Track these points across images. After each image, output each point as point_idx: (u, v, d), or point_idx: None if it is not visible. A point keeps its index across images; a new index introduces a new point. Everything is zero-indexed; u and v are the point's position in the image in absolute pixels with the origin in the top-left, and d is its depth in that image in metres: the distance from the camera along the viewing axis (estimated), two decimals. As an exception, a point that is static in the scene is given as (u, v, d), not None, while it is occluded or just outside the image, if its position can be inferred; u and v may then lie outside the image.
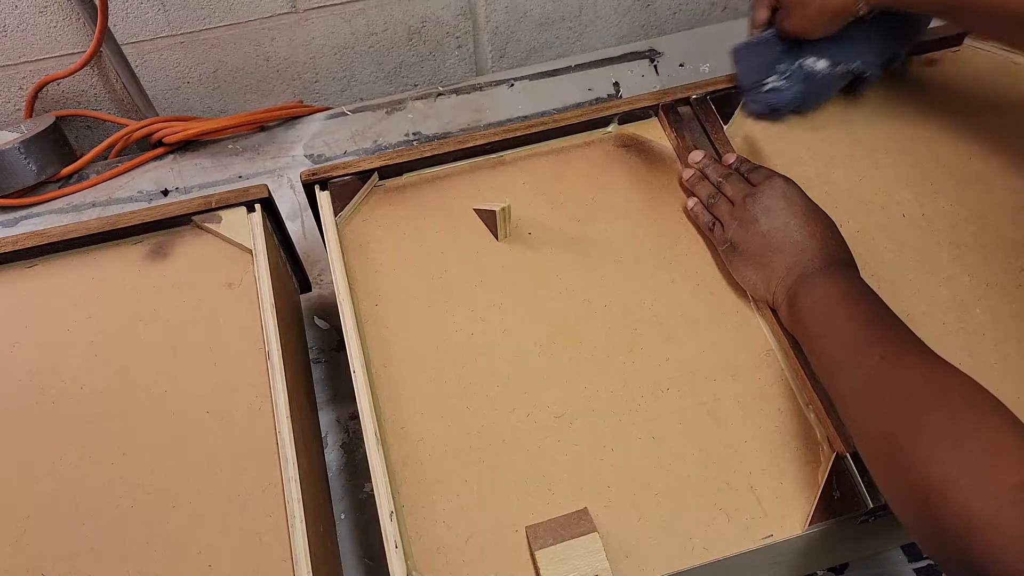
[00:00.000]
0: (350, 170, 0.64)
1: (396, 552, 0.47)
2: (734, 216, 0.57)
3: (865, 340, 0.47)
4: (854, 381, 0.46)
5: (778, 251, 0.54)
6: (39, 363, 0.56)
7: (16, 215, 0.85)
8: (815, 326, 0.50)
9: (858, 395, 0.45)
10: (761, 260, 0.55)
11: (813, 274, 0.52)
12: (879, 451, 0.43)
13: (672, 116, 0.67)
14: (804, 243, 0.54)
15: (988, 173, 0.64)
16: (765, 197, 0.56)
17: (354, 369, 0.54)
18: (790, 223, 0.55)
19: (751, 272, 0.56)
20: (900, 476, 0.40)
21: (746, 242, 0.56)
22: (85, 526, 0.50)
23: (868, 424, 0.44)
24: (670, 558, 0.47)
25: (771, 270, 0.54)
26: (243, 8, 0.85)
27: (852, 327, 0.48)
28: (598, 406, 0.53)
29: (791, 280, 0.53)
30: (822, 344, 0.49)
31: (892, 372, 0.44)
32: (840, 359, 0.47)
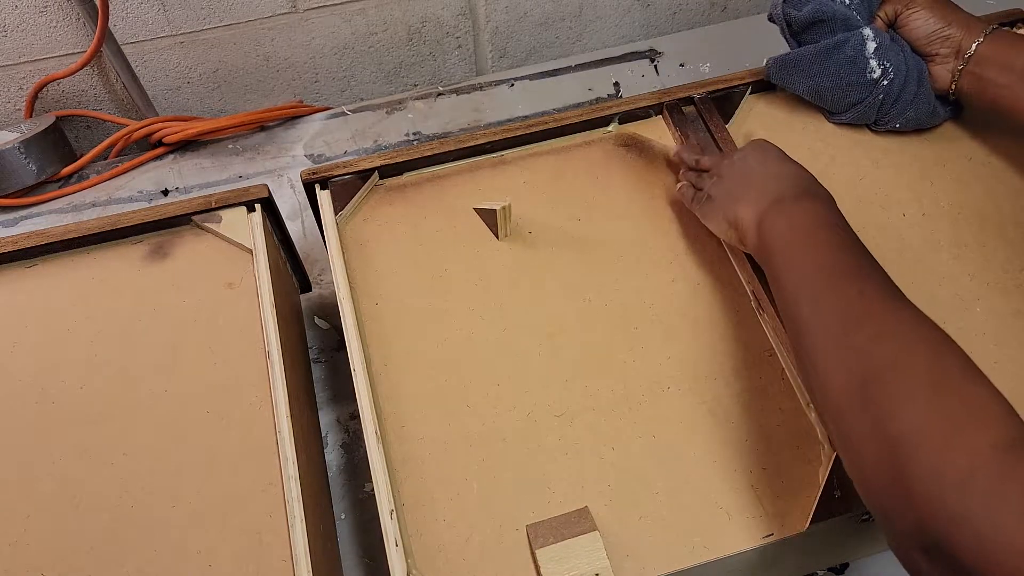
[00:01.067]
0: (350, 169, 0.64)
1: (396, 551, 0.47)
2: (712, 175, 0.57)
3: (842, 270, 0.44)
4: (827, 312, 0.43)
5: (750, 185, 0.53)
6: (39, 363, 0.56)
7: (16, 215, 0.85)
8: (787, 249, 0.47)
9: (829, 327, 0.42)
10: (733, 197, 0.54)
11: (788, 199, 0.50)
12: (842, 386, 0.40)
13: (676, 115, 0.67)
14: (779, 173, 0.52)
15: (988, 173, 0.64)
16: (742, 150, 0.57)
17: (354, 368, 0.54)
18: (766, 160, 0.54)
19: (720, 212, 0.54)
20: (867, 422, 0.38)
21: (720, 188, 0.55)
22: (85, 526, 0.50)
23: (832, 357, 0.41)
24: (671, 557, 0.47)
25: (742, 203, 0.52)
26: (243, 8, 0.85)
27: (829, 254, 0.46)
28: (598, 405, 0.53)
29: (763, 204, 0.51)
30: (793, 268, 0.46)
31: (870, 309, 0.42)
32: (812, 286, 0.45)
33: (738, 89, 0.69)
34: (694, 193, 0.59)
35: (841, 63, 0.63)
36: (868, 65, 0.62)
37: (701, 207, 0.57)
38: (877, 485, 0.37)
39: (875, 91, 0.63)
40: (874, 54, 0.62)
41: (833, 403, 0.41)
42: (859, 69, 0.63)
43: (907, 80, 0.62)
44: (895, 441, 0.36)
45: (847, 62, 0.63)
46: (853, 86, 0.63)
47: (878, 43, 0.62)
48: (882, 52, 0.62)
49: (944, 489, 0.34)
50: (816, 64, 0.64)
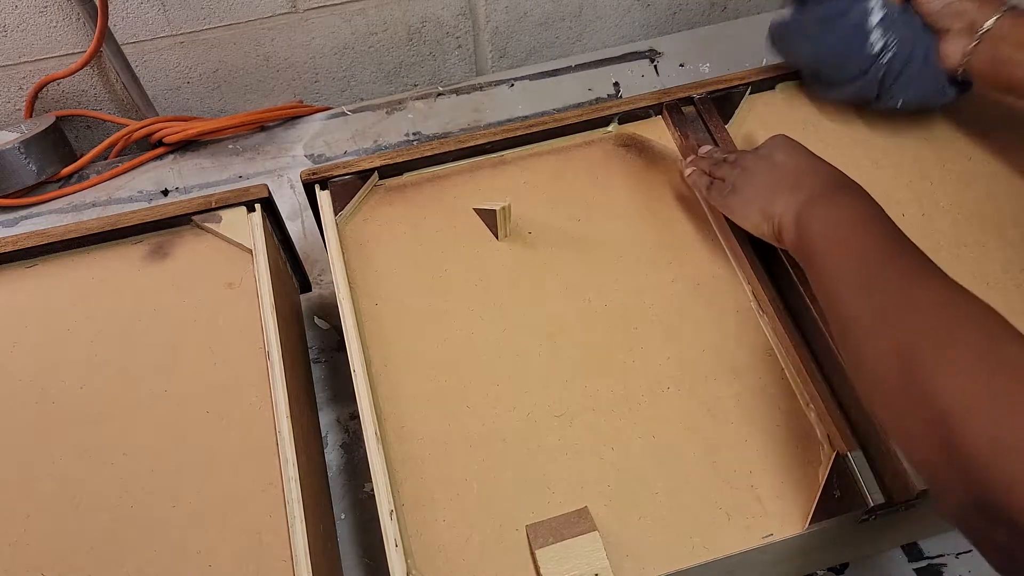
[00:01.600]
0: (350, 170, 0.64)
1: (396, 551, 0.47)
2: (736, 166, 0.57)
3: (884, 259, 0.44)
4: (870, 298, 0.43)
5: (783, 179, 0.52)
6: (39, 363, 0.56)
7: (16, 215, 0.85)
8: (830, 242, 0.47)
9: (874, 311, 0.42)
10: (764, 190, 0.53)
11: (825, 195, 0.50)
12: (891, 366, 0.40)
13: (676, 115, 0.67)
14: (812, 168, 0.52)
15: (988, 173, 0.64)
16: (768, 146, 0.56)
17: (354, 369, 0.54)
18: (794, 155, 0.54)
19: (753, 205, 0.54)
20: (914, 392, 0.38)
21: (748, 180, 0.54)
22: (85, 526, 0.50)
23: (881, 339, 0.41)
24: (670, 557, 0.47)
25: (776, 196, 0.52)
26: (243, 8, 0.85)
27: (873, 242, 0.46)
28: (598, 405, 0.53)
29: (799, 200, 0.50)
30: (837, 260, 0.46)
31: (916, 289, 0.42)
32: (855, 277, 0.45)
33: (738, 89, 0.69)
34: (710, 182, 0.58)
35: (843, 32, 0.60)
36: (870, 37, 0.59)
37: (724, 199, 0.56)
38: (930, 457, 0.37)
39: (875, 67, 0.60)
40: (878, 25, 0.59)
41: (881, 381, 0.41)
42: (860, 41, 0.60)
43: (912, 57, 0.59)
44: (948, 413, 0.36)
45: (850, 31, 0.60)
46: (853, 59, 0.61)
47: (884, 14, 0.59)
48: (887, 24, 0.59)
49: (1001, 455, 0.33)
50: (818, 30, 0.61)
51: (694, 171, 0.60)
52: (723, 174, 0.58)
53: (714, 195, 0.58)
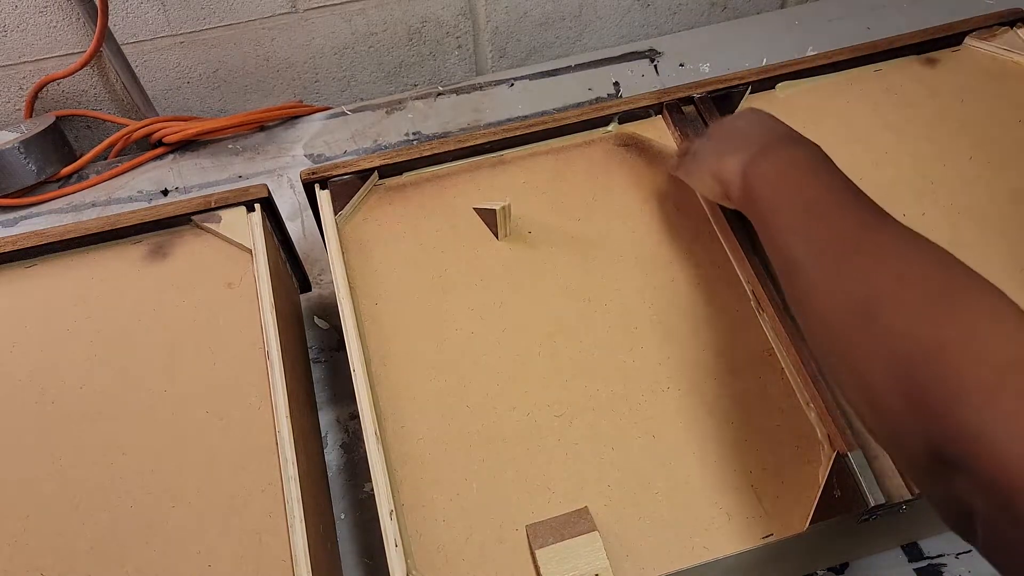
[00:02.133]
0: (350, 169, 0.64)
1: (396, 551, 0.47)
2: (702, 135, 0.56)
3: (838, 204, 0.42)
4: (823, 242, 0.41)
5: (736, 138, 0.51)
6: (39, 363, 0.56)
7: (16, 215, 0.85)
8: (774, 192, 0.45)
9: (826, 256, 0.40)
10: (717, 151, 0.52)
11: (772, 148, 0.48)
12: (847, 311, 0.38)
13: (676, 115, 0.67)
14: (767, 128, 0.50)
15: (988, 173, 0.64)
16: (735, 114, 0.56)
17: (354, 368, 0.54)
18: (756, 119, 0.53)
19: (704, 165, 0.52)
20: (874, 335, 0.36)
21: (706, 145, 0.54)
22: (85, 526, 0.50)
23: (835, 284, 0.39)
24: (670, 557, 0.47)
25: (726, 155, 0.50)
26: (243, 8, 0.85)
27: (821, 190, 0.44)
28: (598, 405, 0.53)
29: (748, 154, 0.48)
30: (782, 208, 0.44)
31: (873, 235, 0.40)
32: (805, 222, 0.42)
33: (738, 89, 0.69)
34: (678, 160, 0.58)
35: None
36: None
37: (685, 166, 0.56)
38: (888, 405, 0.35)
39: None
40: None
41: (835, 330, 0.39)
42: None
43: None
44: (908, 357, 0.34)
45: None
46: None
47: None
48: None
49: (966, 404, 0.32)
50: None
51: (673, 159, 0.61)
52: (687, 146, 0.58)
53: (680, 168, 0.57)
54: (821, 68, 0.70)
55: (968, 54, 0.72)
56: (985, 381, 0.32)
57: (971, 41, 0.72)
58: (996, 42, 0.72)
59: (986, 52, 0.72)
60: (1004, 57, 0.71)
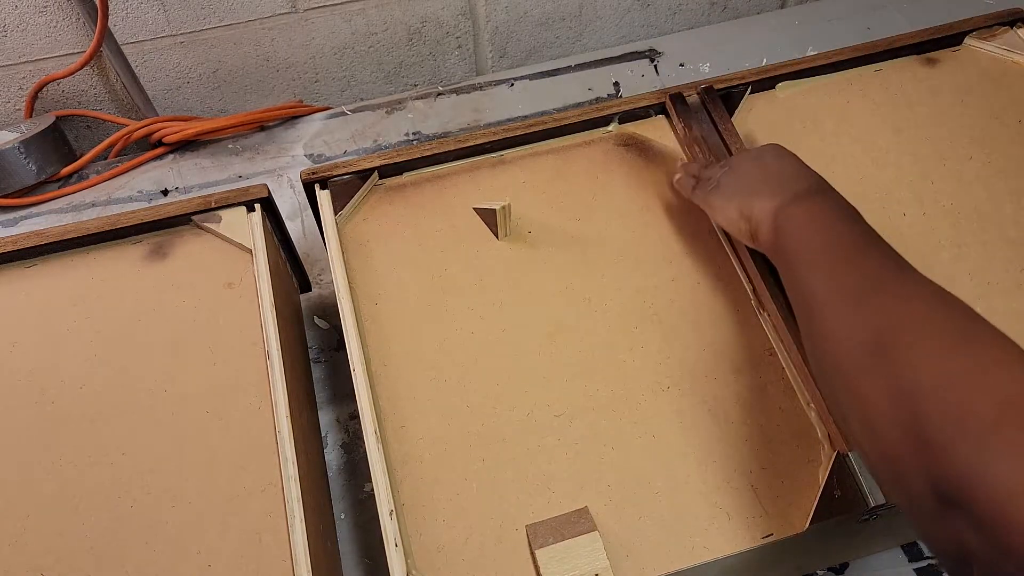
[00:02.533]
0: (350, 169, 0.64)
1: (396, 551, 0.47)
2: (723, 167, 0.57)
3: (863, 249, 0.44)
4: (844, 281, 0.43)
5: (766, 180, 0.52)
6: (39, 363, 0.56)
7: (16, 215, 0.85)
8: (802, 240, 0.47)
9: (847, 293, 0.42)
10: (746, 188, 0.53)
11: (804, 197, 0.49)
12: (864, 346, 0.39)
13: (680, 106, 0.67)
14: (797, 174, 0.52)
15: (988, 173, 0.64)
16: (759, 149, 0.56)
17: (354, 368, 0.54)
18: (782, 159, 0.54)
19: (732, 201, 0.53)
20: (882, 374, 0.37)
21: (732, 178, 0.54)
22: (85, 526, 0.50)
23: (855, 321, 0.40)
24: (670, 557, 0.47)
25: (756, 195, 0.52)
26: (243, 8, 0.85)
27: (850, 238, 0.45)
28: (598, 405, 0.53)
29: (779, 201, 0.50)
30: (807, 254, 0.46)
31: (892, 277, 0.42)
32: (829, 263, 0.44)
33: (738, 89, 0.69)
34: (695, 182, 0.58)
35: None
36: None
37: (707, 195, 0.56)
38: (890, 437, 0.36)
39: None
40: None
41: (845, 364, 0.40)
42: None
43: None
44: (913, 390, 0.35)
45: None
46: None
47: None
48: None
49: (965, 438, 0.32)
50: None
51: (682, 175, 0.60)
52: (710, 174, 0.58)
53: (698, 193, 0.57)
54: (821, 68, 0.70)
55: (968, 54, 0.72)
56: (985, 415, 0.32)
57: (971, 41, 0.72)
58: (996, 42, 0.72)
59: (986, 52, 0.72)
60: (1004, 57, 0.71)
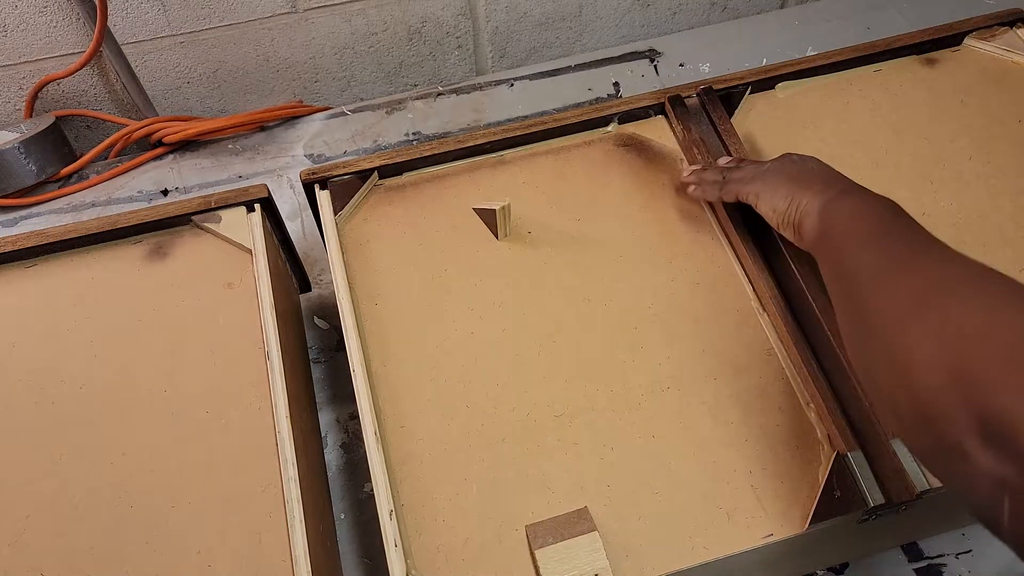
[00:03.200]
0: (350, 169, 0.64)
1: (396, 551, 0.47)
2: (764, 162, 0.57)
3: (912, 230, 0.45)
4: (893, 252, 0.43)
5: (815, 176, 0.53)
6: (39, 363, 0.56)
7: (16, 215, 0.85)
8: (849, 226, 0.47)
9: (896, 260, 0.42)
10: (793, 180, 0.53)
11: (852, 194, 0.50)
12: (912, 298, 0.39)
13: (679, 108, 0.67)
14: (842, 177, 0.53)
15: (988, 173, 0.64)
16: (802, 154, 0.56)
17: (354, 369, 0.54)
18: (827, 166, 0.54)
19: (780, 190, 0.54)
20: (931, 320, 0.37)
21: (778, 169, 0.55)
22: (85, 526, 0.50)
23: (902, 278, 0.41)
24: (670, 557, 0.47)
25: (804, 188, 0.52)
26: (243, 8, 0.85)
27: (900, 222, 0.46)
28: (598, 405, 0.53)
29: (827, 196, 0.50)
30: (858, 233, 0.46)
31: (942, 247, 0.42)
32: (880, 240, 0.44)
33: (738, 89, 0.69)
34: (723, 182, 0.58)
35: None
36: None
37: (747, 184, 0.56)
38: (933, 380, 0.35)
39: None
40: None
41: (888, 314, 0.40)
42: None
43: None
44: (961, 334, 0.35)
45: None
46: None
47: None
48: None
49: (1015, 374, 0.33)
50: None
51: (698, 186, 0.60)
52: (742, 172, 0.58)
53: (732, 187, 0.57)
54: (821, 68, 0.70)
55: (968, 54, 0.72)
56: None
57: (971, 41, 0.72)
58: (996, 42, 0.72)
59: (986, 52, 0.72)
60: (1004, 57, 0.71)
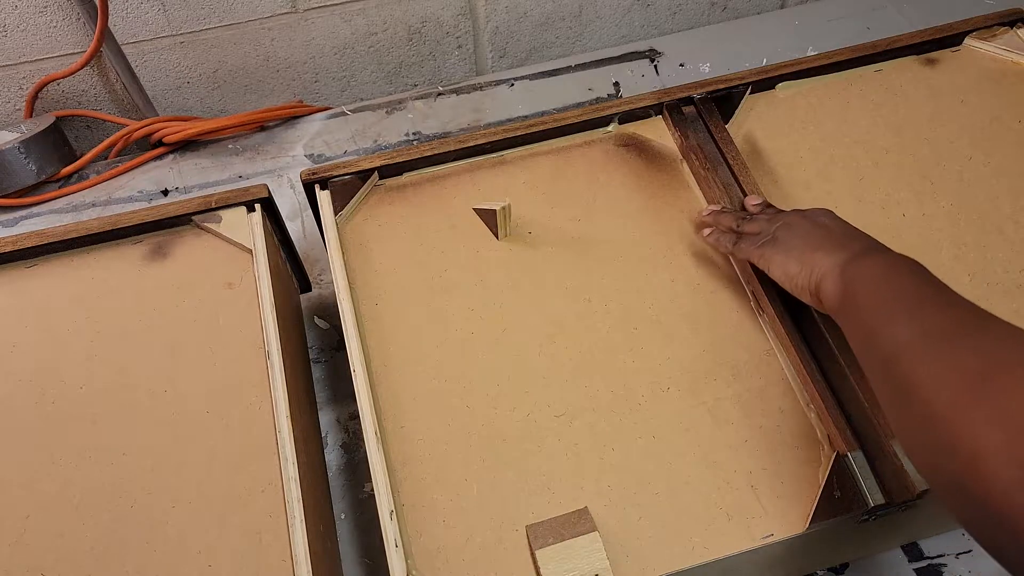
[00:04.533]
0: (350, 169, 0.64)
1: (396, 551, 0.47)
2: (775, 221, 0.55)
3: (943, 297, 0.43)
4: (930, 326, 0.41)
5: (828, 236, 0.52)
6: (39, 363, 0.56)
7: (16, 215, 0.85)
8: (877, 290, 0.45)
9: (937, 337, 0.40)
10: (807, 243, 0.52)
11: (870, 254, 0.49)
12: (966, 383, 0.37)
13: (676, 115, 0.67)
14: (858, 234, 0.52)
15: (988, 173, 0.64)
16: (811, 210, 0.55)
17: (354, 369, 0.54)
18: (842, 222, 0.53)
19: (793, 255, 0.52)
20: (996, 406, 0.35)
21: (791, 232, 0.54)
22: (85, 526, 0.50)
23: (950, 360, 0.38)
24: (670, 557, 0.47)
25: (819, 250, 0.51)
26: (243, 8, 0.85)
27: (927, 288, 0.44)
28: (598, 405, 0.53)
29: (843, 258, 0.49)
30: (884, 302, 0.44)
31: (981, 322, 0.40)
32: (910, 311, 0.42)
33: (738, 89, 0.69)
34: (737, 237, 0.57)
35: None
36: None
37: (761, 248, 0.54)
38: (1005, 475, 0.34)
39: None
40: None
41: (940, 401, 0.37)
42: None
43: None
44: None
45: None
46: None
47: None
48: None
49: None
50: None
51: (714, 231, 0.59)
52: (756, 228, 0.56)
53: (745, 247, 0.56)
54: (821, 68, 0.70)
55: (968, 54, 0.72)
56: None
57: (971, 41, 0.72)
58: (996, 42, 0.72)
59: (986, 52, 0.72)
60: (1004, 57, 0.71)
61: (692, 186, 0.65)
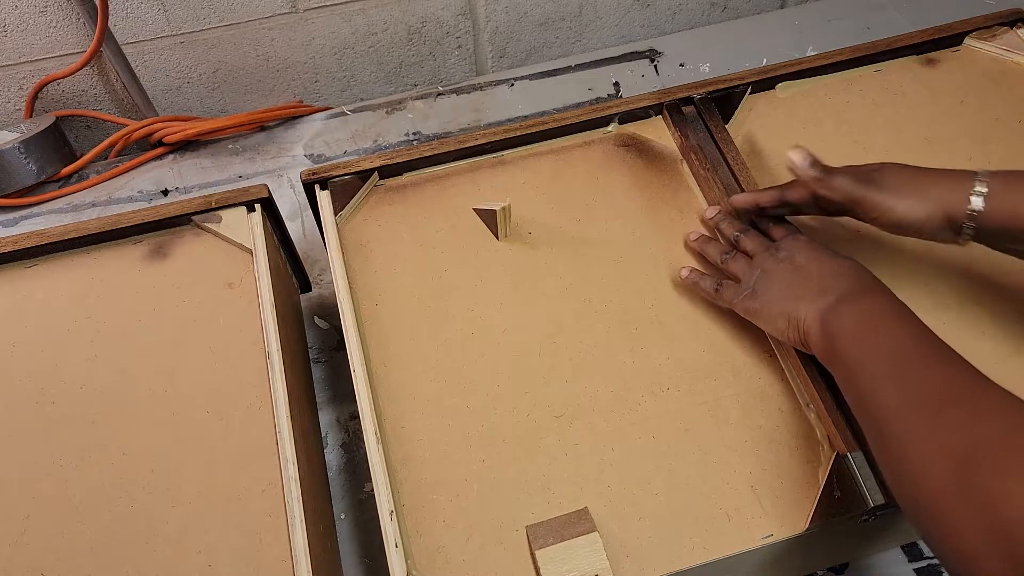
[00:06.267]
0: (350, 169, 0.64)
1: (396, 551, 0.47)
2: (754, 267, 0.54)
3: (924, 356, 0.43)
4: (916, 394, 0.41)
5: (807, 282, 0.50)
6: (39, 363, 0.56)
7: (16, 215, 0.85)
8: (857, 345, 0.46)
9: (922, 409, 0.41)
10: (788, 294, 0.51)
11: (850, 298, 0.48)
12: (948, 468, 0.38)
13: (676, 116, 0.67)
14: (835, 270, 0.50)
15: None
16: (788, 247, 0.54)
17: (354, 369, 0.54)
18: (816, 257, 0.52)
19: (776, 308, 0.51)
20: (976, 499, 0.36)
21: (769, 283, 0.52)
22: (85, 526, 0.50)
23: (934, 441, 0.39)
24: (670, 557, 0.47)
25: (800, 300, 0.50)
26: (243, 8, 0.85)
27: (907, 343, 0.44)
28: (598, 405, 0.53)
29: (825, 304, 0.48)
30: (869, 361, 0.45)
31: (962, 391, 0.40)
32: (895, 373, 0.43)
33: (738, 89, 0.69)
34: (716, 284, 0.56)
35: None
36: None
37: (744, 302, 0.53)
38: (990, 567, 0.35)
39: None
40: None
41: (926, 486, 0.39)
42: None
43: None
44: (1011, 521, 0.34)
45: None
46: None
47: None
48: None
49: None
50: None
51: (692, 273, 0.58)
52: (737, 271, 0.55)
53: (727, 297, 0.55)
54: (821, 68, 0.70)
55: (968, 54, 0.72)
56: None
57: (971, 41, 0.72)
58: (996, 42, 0.72)
59: (986, 52, 0.72)
60: (1004, 57, 0.71)
61: (692, 186, 0.65)
